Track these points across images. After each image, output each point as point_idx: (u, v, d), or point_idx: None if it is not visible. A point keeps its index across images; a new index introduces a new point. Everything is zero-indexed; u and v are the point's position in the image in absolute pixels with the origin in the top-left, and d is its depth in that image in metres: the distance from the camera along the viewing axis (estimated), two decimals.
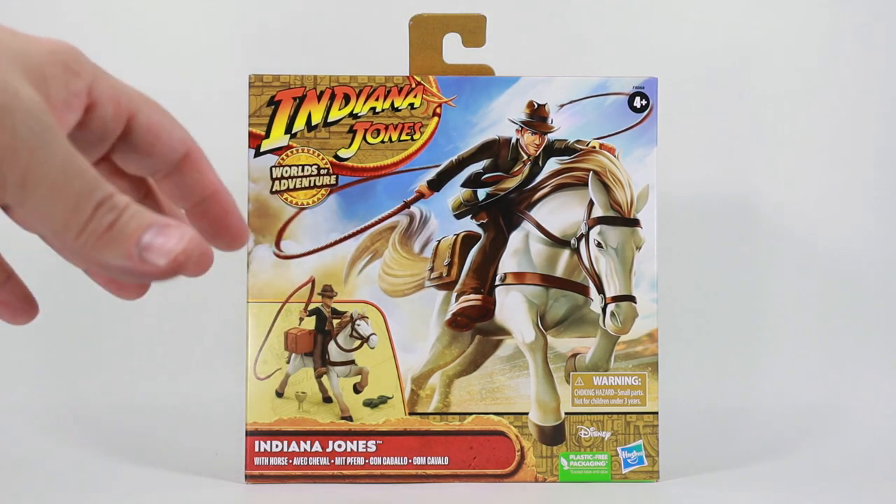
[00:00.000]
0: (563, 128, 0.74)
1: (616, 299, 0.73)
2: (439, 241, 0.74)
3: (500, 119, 0.73)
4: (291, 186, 0.73)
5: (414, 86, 0.73)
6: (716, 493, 0.71)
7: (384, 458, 0.72)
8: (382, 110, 0.73)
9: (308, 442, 0.72)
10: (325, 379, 0.73)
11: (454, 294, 0.73)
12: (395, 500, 0.69)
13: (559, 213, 0.74)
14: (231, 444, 0.78)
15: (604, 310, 0.73)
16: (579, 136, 0.73)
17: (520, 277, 0.74)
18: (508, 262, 0.74)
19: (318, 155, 0.73)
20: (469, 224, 0.74)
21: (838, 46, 1.02)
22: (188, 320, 0.98)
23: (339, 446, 0.72)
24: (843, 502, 0.70)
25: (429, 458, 0.72)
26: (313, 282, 0.73)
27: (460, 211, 0.74)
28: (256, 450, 0.72)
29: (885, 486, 0.73)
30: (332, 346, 0.73)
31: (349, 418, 0.73)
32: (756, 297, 1.00)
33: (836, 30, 1.03)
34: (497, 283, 0.74)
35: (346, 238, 0.73)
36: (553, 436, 0.73)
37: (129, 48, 1.00)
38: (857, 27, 1.02)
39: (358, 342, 0.73)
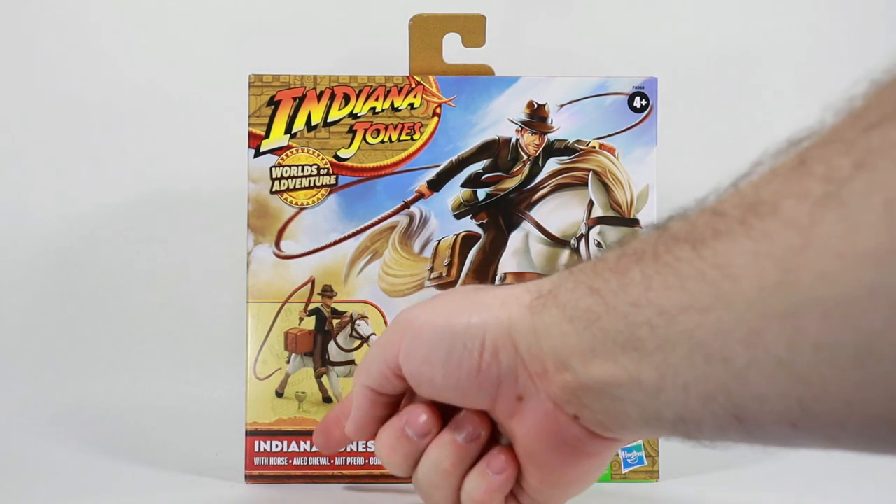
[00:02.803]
0: (563, 128, 0.74)
1: None
2: (439, 241, 0.74)
3: (500, 119, 0.73)
4: (291, 186, 0.73)
5: (414, 86, 0.73)
6: (716, 493, 0.71)
7: None
8: (382, 110, 0.73)
9: (308, 442, 0.72)
10: (325, 379, 0.73)
11: None
12: (395, 500, 0.69)
13: (559, 213, 0.74)
14: (231, 444, 0.78)
15: None
16: (579, 136, 0.73)
17: (520, 277, 0.74)
18: (508, 262, 0.74)
19: (318, 155, 0.73)
20: (469, 224, 0.74)
21: (838, 46, 1.02)
22: (188, 320, 0.98)
23: None
24: (843, 502, 0.70)
25: None
26: (313, 282, 0.73)
27: (460, 211, 0.74)
28: (256, 450, 0.72)
29: (885, 486, 0.73)
30: (332, 346, 0.73)
31: None
32: None
33: (836, 29, 1.03)
34: (497, 283, 0.74)
35: (346, 238, 0.73)
36: None
37: (129, 48, 1.00)
38: (857, 27, 1.02)
39: (358, 342, 0.73)
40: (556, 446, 0.50)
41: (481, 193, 0.74)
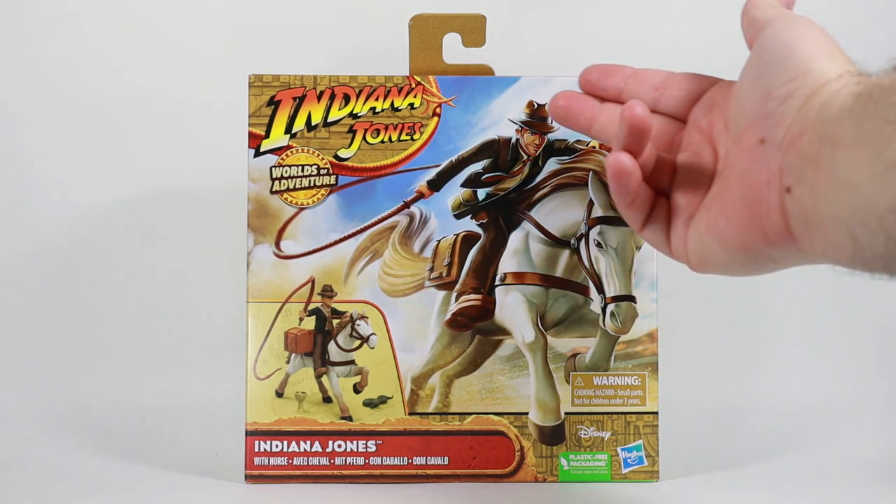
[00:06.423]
0: (562, 128, 0.74)
1: (616, 299, 0.73)
2: (439, 241, 0.74)
3: (500, 119, 0.73)
4: (291, 186, 0.73)
5: (414, 86, 0.73)
6: (716, 493, 0.71)
7: (384, 458, 0.72)
8: (382, 110, 0.73)
9: (308, 442, 0.72)
10: (325, 379, 0.73)
11: (454, 294, 0.73)
12: (395, 500, 0.69)
13: (559, 213, 0.74)
14: (231, 444, 0.78)
15: (604, 310, 0.73)
16: (579, 136, 0.73)
17: (520, 277, 0.74)
18: (508, 262, 0.74)
19: (318, 155, 0.73)
20: (469, 224, 0.74)
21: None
22: (188, 320, 0.98)
23: (339, 446, 0.72)
24: (843, 502, 0.70)
25: (429, 458, 0.72)
26: (313, 282, 0.73)
27: (460, 211, 0.74)
28: (256, 450, 0.72)
29: (885, 486, 0.73)
30: (331, 346, 0.73)
31: (349, 418, 0.73)
32: (756, 297, 1.00)
33: (835, 29, 1.02)
34: (497, 283, 0.74)
35: (346, 238, 0.73)
36: (553, 436, 0.73)
37: (129, 48, 1.00)
38: (857, 27, 1.02)
39: (358, 342, 0.73)
40: (750, 203, 0.49)
41: (481, 193, 0.74)
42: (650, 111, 0.54)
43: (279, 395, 0.72)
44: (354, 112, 0.73)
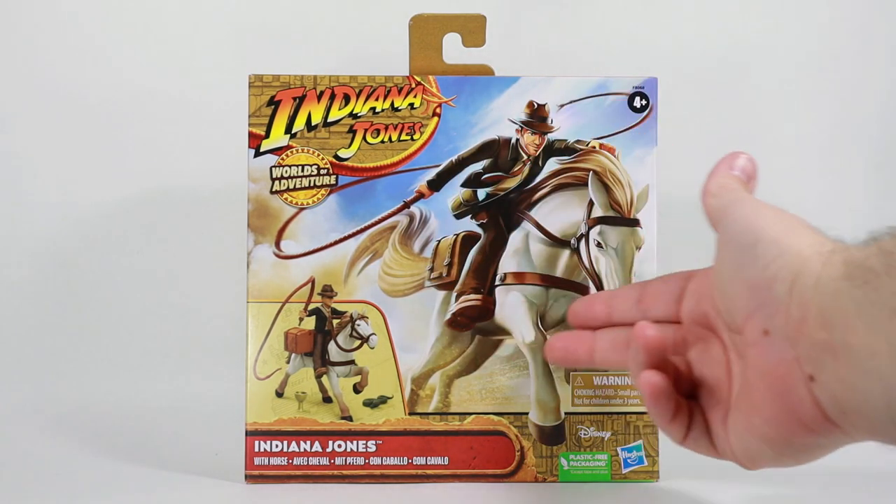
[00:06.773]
0: (563, 128, 0.74)
1: None
2: (439, 241, 0.74)
3: (500, 119, 0.73)
4: (291, 186, 0.73)
5: (414, 86, 0.73)
6: (716, 493, 0.71)
7: (384, 458, 0.72)
8: (382, 110, 0.73)
9: (308, 442, 0.72)
10: (325, 379, 0.73)
11: (454, 294, 0.73)
12: (395, 500, 0.69)
13: (559, 213, 0.74)
14: (231, 444, 0.78)
15: None
16: (579, 136, 0.73)
17: (520, 277, 0.74)
18: (508, 262, 0.74)
19: (318, 155, 0.73)
20: (469, 224, 0.74)
21: (838, 46, 1.02)
22: (188, 320, 0.98)
23: (339, 446, 0.72)
24: (843, 502, 0.70)
25: (429, 458, 0.72)
26: (313, 282, 0.73)
27: (460, 211, 0.74)
28: (256, 450, 0.72)
29: (886, 486, 0.73)
30: (331, 346, 0.73)
31: (349, 418, 0.73)
32: None
33: (836, 29, 1.03)
34: (497, 283, 0.74)
35: (346, 238, 0.73)
36: (553, 436, 0.73)
37: (129, 48, 1.00)
38: (857, 27, 1.02)
39: (358, 342, 0.73)
40: (778, 397, 0.47)
41: (481, 193, 0.74)
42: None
43: (279, 395, 0.72)
44: (354, 112, 0.73)
